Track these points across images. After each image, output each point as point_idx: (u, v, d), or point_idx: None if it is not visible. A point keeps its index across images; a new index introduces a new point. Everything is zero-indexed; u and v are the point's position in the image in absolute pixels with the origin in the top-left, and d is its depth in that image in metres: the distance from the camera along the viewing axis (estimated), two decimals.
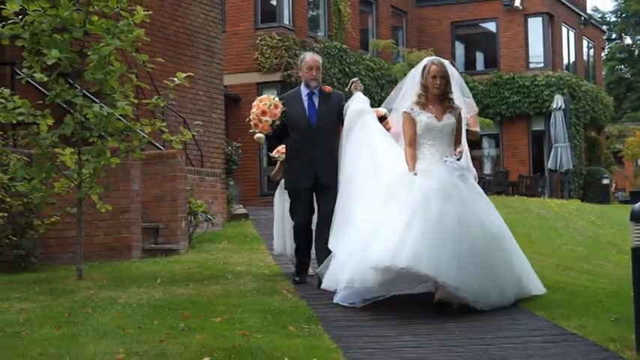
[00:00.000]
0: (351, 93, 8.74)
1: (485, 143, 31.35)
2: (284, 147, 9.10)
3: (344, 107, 8.61)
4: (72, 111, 9.18)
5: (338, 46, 24.67)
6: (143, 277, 9.06)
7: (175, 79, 9.32)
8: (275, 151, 9.30)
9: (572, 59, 33.29)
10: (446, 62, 7.80)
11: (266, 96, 8.91)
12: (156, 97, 9.72)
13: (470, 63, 31.84)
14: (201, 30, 16.67)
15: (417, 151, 7.56)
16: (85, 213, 9.54)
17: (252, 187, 22.27)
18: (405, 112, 7.68)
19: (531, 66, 30.97)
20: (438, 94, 7.60)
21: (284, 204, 9.30)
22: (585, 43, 34.90)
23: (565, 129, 28.57)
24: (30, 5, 8.76)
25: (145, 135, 9.66)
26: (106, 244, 11.19)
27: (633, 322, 5.83)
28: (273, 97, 8.81)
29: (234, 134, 20.84)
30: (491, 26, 31.72)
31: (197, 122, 15.20)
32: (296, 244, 8.93)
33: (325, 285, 7.85)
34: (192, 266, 10.13)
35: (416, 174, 7.39)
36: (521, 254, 7.88)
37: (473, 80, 29.17)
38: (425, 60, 7.82)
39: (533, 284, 7.81)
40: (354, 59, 25.41)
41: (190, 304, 7.33)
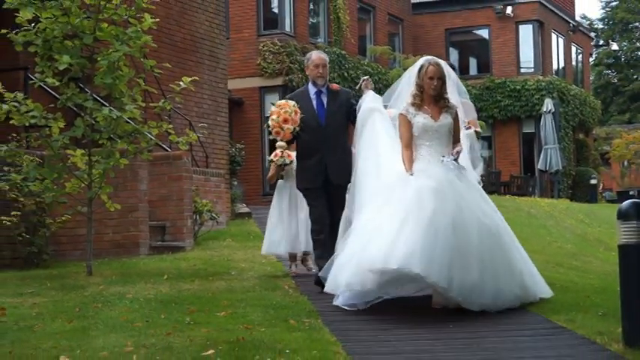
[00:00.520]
0: (362, 91, 8.24)
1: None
2: (281, 151, 8.76)
3: (355, 106, 8.18)
4: (82, 114, 9.18)
5: (337, 52, 24.64)
6: (150, 274, 9.06)
7: (181, 84, 9.32)
8: (273, 155, 8.87)
9: (561, 64, 33.28)
10: (442, 63, 7.44)
11: (284, 101, 8.34)
12: (163, 101, 9.72)
13: (463, 68, 31.80)
14: (206, 36, 16.68)
15: (415, 152, 7.22)
16: (95, 212, 9.55)
17: (254, 187, 22.25)
18: (401, 114, 7.31)
19: (522, 71, 30.97)
20: (434, 95, 7.25)
21: (282, 203, 9.19)
22: (574, 49, 34.89)
23: (554, 131, 28.58)
24: (42, 13, 8.77)
25: (153, 137, 9.66)
26: (115, 242, 11.19)
27: (620, 317, 5.83)
28: (293, 104, 8.24)
29: (237, 136, 20.85)
30: (483, 33, 31.72)
31: (202, 125, 15.20)
32: (314, 243, 8.43)
33: (328, 289, 7.31)
34: (197, 263, 10.13)
35: (412, 174, 7.05)
36: (524, 258, 7.39)
37: (466, 85, 28.84)
38: (422, 60, 7.41)
39: (539, 287, 7.34)
40: (353, 64, 25.40)
41: (196, 299, 7.33)
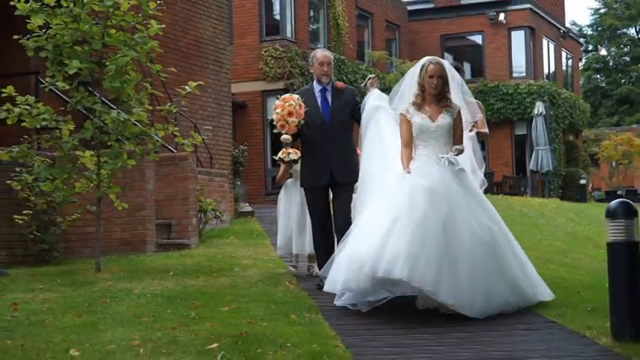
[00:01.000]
0: (368, 90, 7.85)
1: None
2: (290, 148, 8.44)
3: (360, 104, 7.83)
4: (91, 117, 9.18)
5: (336, 57, 24.62)
6: (157, 270, 9.06)
7: (187, 88, 9.32)
8: (280, 152, 8.56)
9: (552, 69, 33.28)
10: (445, 62, 7.12)
11: (289, 95, 8.03)
12: (169, 104, 9.72)
13: None
14: (210, 42, 16.68)
15: (413, 152, 6.93)
16: (104, 211, 9.54)
17: (257, 187, 22.26)
18: (401, 114, 7.00)
19: (514, 75, 30.96)
20: (435, 94, 6.92)
21: (290, 204, 8.93)
22: (564, 54, 34.89)
23: (545, 133, 28.59)
24: (53, 19, 8.77)
25: (159, 139, 9.65)
26: (123, 239, 11.19)
27: (608, 311, 5.83)
28: (297, 97, 7.94)
29: (240, 138, 20.85)
30: (477, 39, 31.72)
31: (207, 127, 15.19)
32: (314, 243, 8.18)
33: (327, 287, 7.02)
34: (202, 260, 10.12)
35: (409, 172, 6.75)
36: (522, 259, 7.01)
37: None
38: (423, 59, 7.06)
39: (538, 290, 6.98)
40: (351, 69, 25.41)
41: (200, 295, 7.32)
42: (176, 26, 15.34)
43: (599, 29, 56.86)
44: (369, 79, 7.91)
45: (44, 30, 8.78)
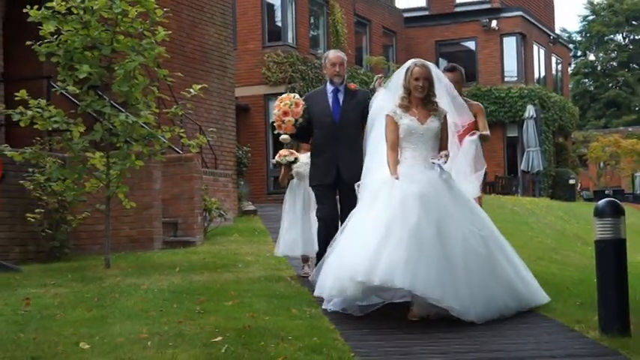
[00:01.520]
0: (376, 90, 7.39)
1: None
2: (285, 150, 8.35)
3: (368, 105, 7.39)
4: (101, 119, 9.18)
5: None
6: (164, 266, 9.06)
7: (192, 91, 9.32)
8: (277, 155, 8.40)
9: (542, 74, 33.27)
10: (431, 65, 6.70)
11: (286, 95, 7.80)
12: (175, 107, 9.72)
13: None
14: (215, 48, 16.68)
15: (399, 155, 6.54)
16: (113, 209, 9.55)
17: (260, 187, 22.27)
18: (388, 115, 6.59)
19: (506, 79, 30.96)
20: (421, 97, 6.54)
21: (294, 205, 8.60)
22: (554, 60, 34.88)
23: (536, 135, 28.59)
24: (64, 26, 8.78)
25: (166, 140, 9.66)
26: (131, 237, 11.21)
27: (596, 306, 5.83)
28: (293, 96, 7.74)
29: (244, 139, 20.85)
30: (470, 45, 31.71)
31: (211, 129, 15.21)
32: (319, 243, 7.80)
33: (317, 293, 6.65)
34: (207, 256, 10.12)
35: (397, 178, 6.33)
36: (515, 263, 6.63)
37: None
38: (409, 62, 6.69)
39: (535, 295, 6.63)
40: (350, 74, 25.36)
41: (205, 290, 7.31)
42: (182, 33, 15.35)
43: (587, 35, 56.86)
44: (377, 80, 7.53)
45: (56, 36, 8.78)
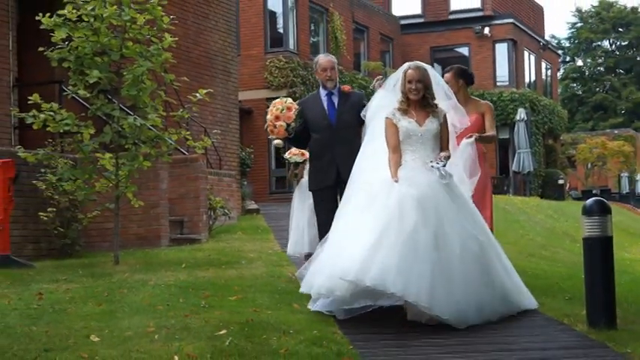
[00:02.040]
0: (376, 90, 7.07)
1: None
2: (297, 150, 8.08)
3: (365, 106, 7.06)
4: (110, 122, 9.18)
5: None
6: (170, 263, 9.05)
7: (197, 95, 9.32)
8: (288, 152, 8.08)
9: (532, 78, 33.26)
10: (427, 67, 6.39)
11: (279, 100, 7.49)
12: (181, 110, 9.71)
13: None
14: (219, 54, 16.68)
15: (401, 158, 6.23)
16: (122, 208, 9.55)
17: (262, 187, 22.26)
18: (387, 118, 6.32)
19: (498, 84, 30.94)
20: (418, 100, 6.25)
21: (303, 204, 8.32)
22: (544, 65, 34.87)
23: (527, 137, 28.57)
24: (75, 33, 8.78)
25: (172, 142, 9.65)
26: (139, 235, 11.21)
27: (584, 301, 5.84)
28: (285, 100, 7.41)
29: (247, 141, 20.85)
30: (464, 51, 31.69)
31: (216, 131, 15.20)
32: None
33: (303, 289, 6.35)
34: (211, 253, 10.12)
35: (397, 181, 6.04)
36: (508, 268, 6.32)
37: None
38: (404, 65, 6.43)
39: (524, 298, 6.30)
40: (349, 78, 25.35)
41: (210, 285, 7.31)
42: (188, 39, 15.34)
43: (575, 42, 56.85)
44: (377, 81, 7.24)
45: (67, 42, 8.78)
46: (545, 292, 6.99)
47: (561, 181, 31.46)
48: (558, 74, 43.20)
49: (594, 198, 5.94)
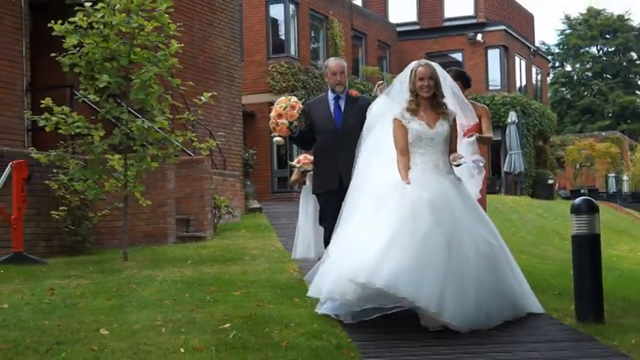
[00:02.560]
0: (378, 96, 6.77)
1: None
2: (305, 157, 7.74)
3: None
4: (119, 125, 9.18)
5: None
6: (177, 259, 9.06)
7: (203, 99, 9.32)
8: (296, 160, 7.79)
9: (523, 83, 33.24)
10: (436, 65, 6.03)
11: (284, 98, 7.14)
12: (187, 113, 9.72)
13: None
14: (223, 59, 16.67)
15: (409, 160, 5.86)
16: (130, 207, 9.55)
17: (264, 186, 22.25)
18: (396, 119, 5.89)
19: (490, 88, 30.91)
20: (429, 98, 5.86)
21: (307, 209, 7.98)
22: (534, 70, 34.84)
23: (518, 139, 28.55)
24: (85, 39, 8.78)
25: (179, 144, 9.66)
26: (147, 232, 11.21)
27: (573, 296, 5.83)
28: (289, 98, 7.06)
29: (250, 143, 20.84)
30: (458, 56, 31.65)
31: (220, 133, 15.20)
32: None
33: (311, 293, 5.98)
34: (216, 250, 10.12)
35: (409, 183, 5.68)
36: (517, 272, 5.96)
37: None
38: (412, 64, 6.03)
39: (529, 302, 5.95)
40: (347, 83, 25.40)
41: (215, 281, 7.31)
42: (194, 45, 15.34)
43: (564, 48, 56.77)
44: (379, 86, 6.97)
45: (78, 49, 8.79)
46: (535, 288, 6.94)
47: (551, 181, 31.43)
48: (548, 79, 43.21)
49: (582, 197, 5.93)
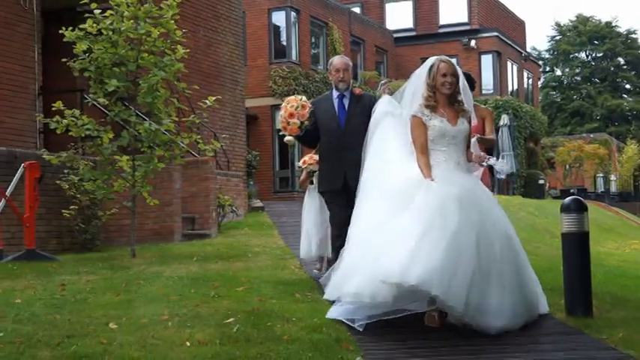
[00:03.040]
0: (381, 95, 6.50)
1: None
2: (310, 157, 7.47)
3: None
4: (127, 127, 9.18)
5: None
6: (183, 256, 9.05)
7: (207, 102, 9.31)
8: (301, 162, 7.52)
9: (515, 87, 33.25)
10: (453, 61, 5.70)
11: (293, 97, 6.82)
12: (192, 116, 9.72)
13: None
14: (227, 64, 16.67)
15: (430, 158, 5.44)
16: (138, 206, 9.55)
17: (267, 186, 22.26)
18: (415, 117, 5.47)
19: (483, 92, 30.91)
20: (449, 95, 5.52)
21: (311, 208, 7.62)
22: (525, 74, 34.85)
23: (510, 141, 28.53)
24: (95, 45, 8.79)
25: (184, 145, 9.65)
26: (154, 230, 11.21)
27: (563, 291, 5.83)
28: (300, 98, 6.76)
29: (253, 145, 20.85)
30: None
31: (224, 135, 15.20)
32: (332, 246, 6.88)
33: (328, 296, 5.74)
34: (220, 247, 10.12)
35: (433, 180, 5.29)
36: (531, 271, 5.63)
37: None
38: (431, 59, 5.70)
39: (540, 302, 5.65)
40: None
41: (219, 277, 7.31)
42: (199, 51, 15.33)
43: (555, 53, 56.77)
44: (382, 85, 6.69)
45: (88, 54, 8.79)
46: None
47: (542, 181, 31.43)
48: (539, 83, 43.20)
49: (572, 197, 5.93)
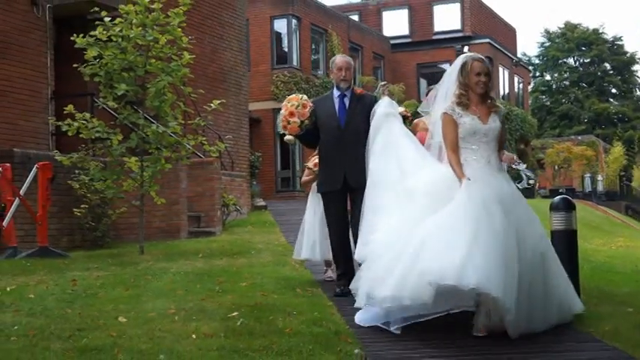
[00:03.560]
0: (379, 97, 6.19)
1: None
2: (317, 158, 6.89)
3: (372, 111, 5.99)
4: (136, 129, 9.17)
5: (332, 81, 24.61)
6: (189, 253, 9.05)
7: (212, 106, 9.32)
8: (312, 164, 6.99)
9: (506, 91, 33.25)
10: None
11: (294, 95, 6.51)
12: (198, 119, 9.72)
13: None
14: (232, 69, 16.68)
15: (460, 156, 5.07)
16: (146, 205, 9.55)
17: (269, 186, 22.26)
18: (446, 114, 5.11)
19: None
20: (481, 94, 5.15)
21: (315, 209, 7.09)
22: (516, 79, 34.85)
23: None
24: (105, 51, 8.79)
25: (190, 147, 9.65)
26: (161, 228, 11.21)
27: None
28: (301, 97, 6.41)
29: (256, 146, 20.83)
30: (446, 67, 31.39)
31: (228, 137, 15.21)
32: (332, 249, 6.53)
33: (360, 303, 5.24)
34: (225, 244, 10.11)
35: (469, 179, 4.88)
36: (562, 271, 5.21)
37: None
38: (463, 57, 5.34)
39: (572, 302, 5.22)
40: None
41: (224, 272, 7.31)
42: (204, 57, 15.33)
43: (544, 59, 56.74)
44: (381, 87, 6.37)
45: (98, 60, 8.79)
46: None
47: (532, 181, 31.45)
48: (529, 87, 43.19)
49: (561, 196, 5.94)
